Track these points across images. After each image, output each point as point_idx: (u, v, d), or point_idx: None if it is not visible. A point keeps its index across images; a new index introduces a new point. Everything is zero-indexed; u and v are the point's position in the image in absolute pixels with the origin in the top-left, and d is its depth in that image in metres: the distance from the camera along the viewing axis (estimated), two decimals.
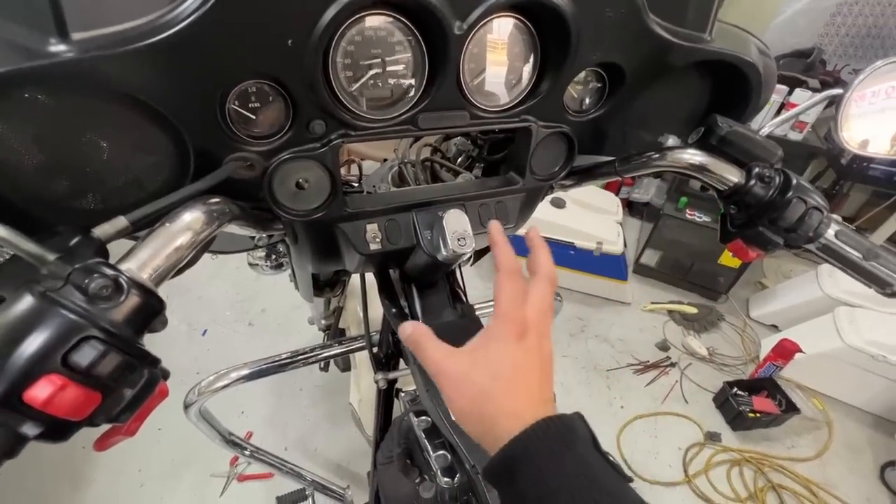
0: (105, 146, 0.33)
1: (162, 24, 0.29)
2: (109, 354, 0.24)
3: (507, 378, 0.35)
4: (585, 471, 0.30)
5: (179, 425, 1.64)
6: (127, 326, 0.26)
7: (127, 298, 0.26)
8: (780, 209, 0.44)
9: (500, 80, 0.47)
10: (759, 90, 0.51)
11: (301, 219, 0.45)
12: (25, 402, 0.22)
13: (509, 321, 0.37)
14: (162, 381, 0.28)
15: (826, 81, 2.02)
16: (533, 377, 0.35)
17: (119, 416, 0.26)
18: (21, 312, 0.23)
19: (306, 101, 0.39)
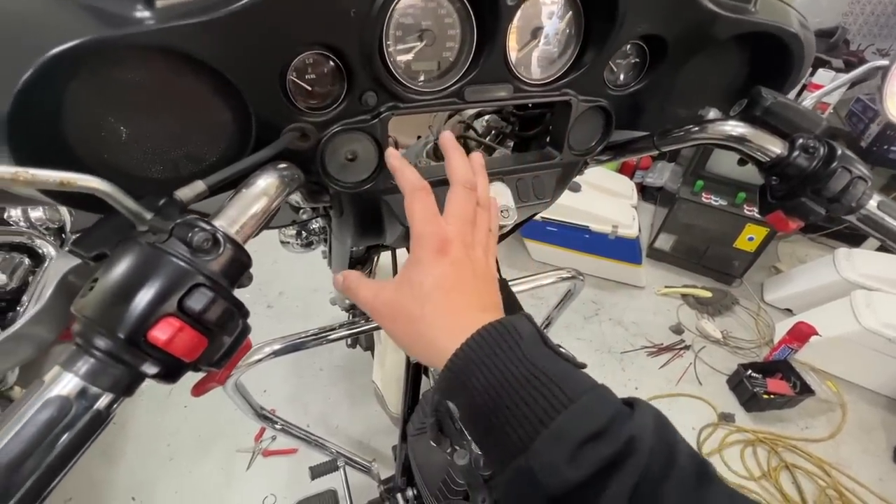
0: (177, 117, 0.34)
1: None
2: (217, 301, 0.26)
3: (436, 297, 0.34)
4: (531, 366, 0.29)
5: (205, 403, 1.69)
6: (225, 277, 0.28)
7: (224, 252, 0.28)
8: (824, 179, 0.44)
9: (545, 54, 0.47)
10: (800, 62, 0.51)
11: (349, 190, 0.46)
12: (149, 341, 0.24)
13: (426, 239, 0.36)
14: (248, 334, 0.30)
15: (850, 62, 1.97)
16: (465, 289, 0.34)
17: (219, 362, 0.28)
18: (137, 262, 0.25)
19: (361, 72, 0.40)
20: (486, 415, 0.29)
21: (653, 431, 0.28)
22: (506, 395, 0.29)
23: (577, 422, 0.27)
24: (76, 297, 0.26)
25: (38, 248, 1.58)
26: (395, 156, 0.42)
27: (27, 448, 0.22)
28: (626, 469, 0.26)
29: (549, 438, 0.27)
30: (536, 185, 0.56)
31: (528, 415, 0.28)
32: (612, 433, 0.27)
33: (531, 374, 0.29)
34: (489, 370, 0.30)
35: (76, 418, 0.24)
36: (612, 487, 0.25)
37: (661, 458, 0.27)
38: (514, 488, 0.28)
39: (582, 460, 0.26)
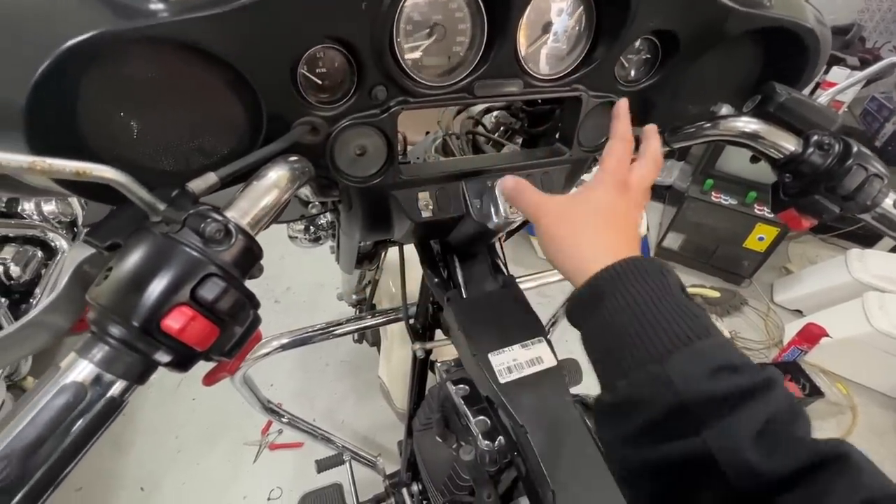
0: (189, 110, 0.35)
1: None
2: (229, 291, 0.27)
3: (606, 217, 0.38)
4: (676, 299, 0.33)
5: (212, 396, 1.71)
6: (236, 268, 0.28)
7: (236, 242, 0.28)
8: (839, 177, 0.43)
9: (555, 49, 0.47)
10: (815, 58, 0.51)
11: (358, 185, 0.47)
12: (163, 329, 0.25)
13: (614, 175, 0.40)
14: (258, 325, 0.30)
15: (865, 59, 1.94)
16: (630, 224, 0.39)
17: (230, 352, 0.28)
18: (150, 252, 0.25)
19: (371, 66, 0.40)
20: (619, 331, 0.32)
21: (789, 393, 0.30)
22: (648, 314, 0.32)
23: (717, 350, 0.31)
24: (91, 286, 0.26)
25: (51, 242, 1.60)
26: (624, 106, 0.47)
27: (43, 433, 0.23)
28: (762, 401, 0.29)
29: (689, 355, 0.30)
30: (546, 182, 0.56)
31: (669, 334, 0.31)
32: (750, 371, 0.30)
33: (676, 304, 0.32)
34: (634, 291, 0.33)
35: (91, 404, 0.24)
36: (746, 412, 0.28)
37: (790, 406, 0.29)
38: (644, 388, 0.31)
39: (720, 380, 0.29)
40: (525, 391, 0.50)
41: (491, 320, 0.56)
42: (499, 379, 0.51)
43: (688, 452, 0.29)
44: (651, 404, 0.30)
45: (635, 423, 0.31)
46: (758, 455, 0.27)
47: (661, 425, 0.30)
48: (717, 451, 0.28)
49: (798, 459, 0.27)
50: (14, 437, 0.23)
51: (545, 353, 0.53)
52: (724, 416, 0.28)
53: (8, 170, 0.22)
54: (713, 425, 0.28)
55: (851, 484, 0.27)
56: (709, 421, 0.29)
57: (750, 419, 0.28)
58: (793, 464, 0.27)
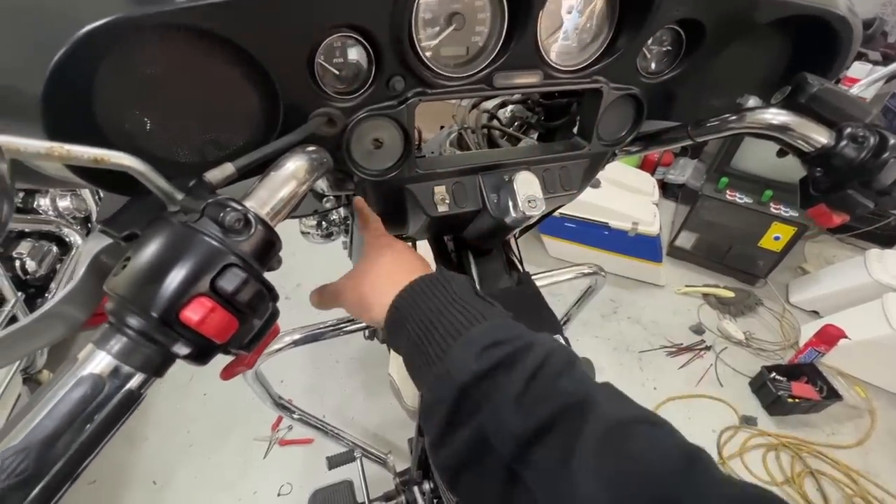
0: (205, 100, 0.34)
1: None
2: (249, 282, 0.26)
3: (390, 267, 0.42)
4: (456, 298, 0.35)
5: (224, 392, 1.72)
6: (256, 259, 0.27)
7: (255, 232, 0.27)
8: (875, 171, 0.42)
9: (577, 39, 0.46)
10: (847, 47, 0.49)
11: (374, 178, 0.46)
12: (182, 321, 0.24)
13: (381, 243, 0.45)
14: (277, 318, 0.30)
15: (888, 54, 1.89)
16: (405, 264, 0.42)
17: (249, 345, 0.28)
18: (169, 241, 0.25)
19: (390, 55, 0.39)
20: (417, 344, 0.35)
21: (555, 346, 0.33)
22: (435, 321, 0.34)
23: (486, 332, 0.33)
24: (109, 276, 0.25)
25: (66, 237, 1.62)
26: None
27: (61, 426, 0.22)
28: (520, 365, 0.31)
29: (462, 344, 0.32)
30: (563, 176, 0.54)
31: (448, 331, 0.33)
32: (513, 341, 0.32)
33: (457, 303, 0.35)
34: (423, 305, 0.36)
35: (109, 397, 0.24)
36: (506, 380, 0.30)
37: (560, 362, 0.31)
38: (435, 389, 0.33)
39: (485, 357, 0.31)
40: None
41: None
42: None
43: (469, 439, 0.30)
44: (442, 401, 0.31)
45: (435, 424, 0.32)
46: (517, 417, 0.28)
47: (452, 419, 0.31)
48: (489, 429, 0.29)
49: (551, 407, 0.28)
50: (32, 430, 0.22)
51: None
52: (491, 388, 0.30)
53: (26, 155, 0.21)
54: (484, 399, 0.30)
55: (596, 417, 0.28)
56: (481, 397, 0.30)
57: (510, 385, 0.30)
58: (546, 412, 0.28)
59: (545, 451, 0.27)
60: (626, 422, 0.28)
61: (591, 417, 0.28)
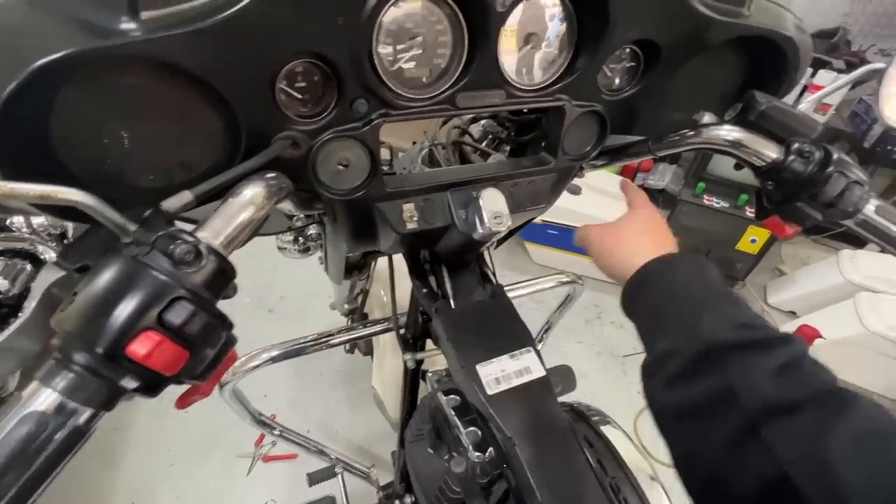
0: (165, 126, 0.34)
1: (224, 4, 0.30)
2: (198, 315, 0.26)
3: (644, 227, 0.50)
4: (705, 279, 0.40)
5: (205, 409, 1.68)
6: (207, 290, 0.28)
7: (206, 264, 0.28)
8: (820, 184, 0.44)
9: (537, 59, 0.47)
10: (796, 65, 0.51)
11: (342, 198, 0.46)
12: (128, 355, 0.24)
13: (646, 207, 0.53)
14: (233, 345, 0.30)
15: (851, 62, 1.96)
16: (660, 235, 0.49)
17: (202, 375, 0.28)
18: (117, 275, 0.25)
19: (351, 79, 0.40)
20: (662, 304, 0.40)
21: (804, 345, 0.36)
22: (687, 291, 0.40)
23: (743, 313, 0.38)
24: (57, 311, 0.26)
25: (41, 255, 1.58)
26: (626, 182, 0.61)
27: (4, 464, 0.22)
28: (781, 349, 0.34)
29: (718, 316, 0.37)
30: (532, 191, 0.55)
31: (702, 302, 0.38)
32: (767, 329, 0.36)
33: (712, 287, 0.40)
34: (676, 276, 0.41)
35: (54, 434, 0.24)
36: (765, 355, 0.34)
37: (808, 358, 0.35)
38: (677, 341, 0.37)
39: (743, 332, 0.35)
40: (513, 402, 0.50)
41: (479, 331, 0.55)
42: (486, 390, 0.50)
43: (712, 389, 0.34)
44: (684, 351, 0.36)
45: (669, 370, 0.37)
46: (772, 387, 0.32)
47: (690, 369, 0.36)
48: (738, 386, 0.33)
49: (808, 391, 0.32)
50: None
51: (533, 363, 0.53)
52: (745, 360, 0.34)
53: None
54: (735, 363, 0.34)
55: (856, 415, 0.30)
56: (731, 361, 0.34)
57: (769, 361, 0.33)
58: (803, 393, 0.32)
59: (795, 422, 0.31)
60: (888, 434, 0.30)
61: (849, 411, 0.31)
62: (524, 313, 0.58)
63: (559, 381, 1.06)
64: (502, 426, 0.48)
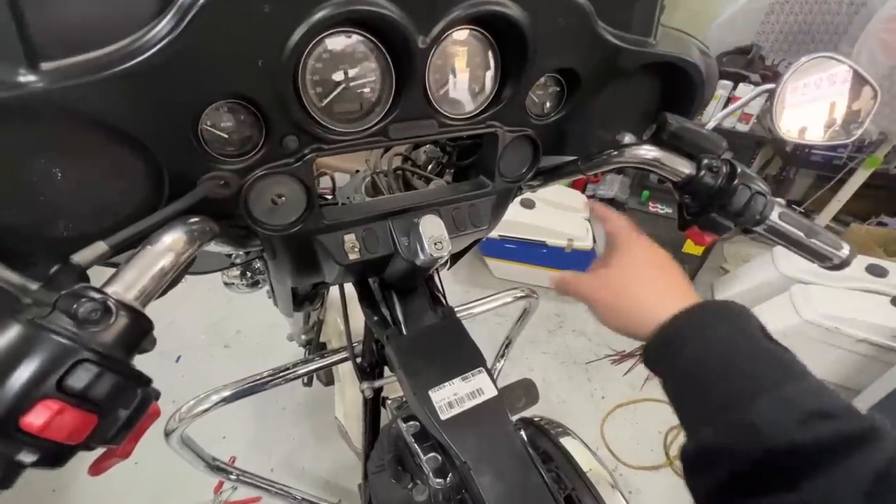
0: (79, 173, 0.33)
1: (133, 51, 0.30)
2: (104, 376, 0.25)
3: (653, 269, 0.41)
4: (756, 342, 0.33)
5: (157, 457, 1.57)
6: (118, 348, 0.26)
7: (116, 320, 0.26)
8: (729, 196, 0.47)
9: (465, 90, 0.49)
10: (702, 88, 0.56)
11: (279, 233, 0.46)
12: (22, 428, 0.22)
13: (639, 243, 0.44)
14: (154, 401, 0.29)
15: (766, 75, 2.16)
16: (676, 270, 0.42)
17: (115, 438, 0.26)
18: (11, 342, 0.23)
19: (278, 118, 0.40)
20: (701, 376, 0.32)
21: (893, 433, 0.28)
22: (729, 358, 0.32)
23: (808, 395, 0.29)
24: None
25: None
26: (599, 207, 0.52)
27: None
28: (867, 453, 0.26)
29: (776, 401, 0.29)
30: (472, 214, 0.57)
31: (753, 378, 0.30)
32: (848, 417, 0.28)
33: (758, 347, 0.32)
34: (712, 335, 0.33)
35: None
36: (849, 465, 0.26)
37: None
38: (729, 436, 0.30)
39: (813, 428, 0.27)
40: (467, 426, 0.50)
41: (431, 355, 0.56)
42: (440, 416, 0.50)
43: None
44: (737, 454, 0.29)
45: (721, 473, 0.30)
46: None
47: (749, 477, 0.29)
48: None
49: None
50: None
51: (485, 383, 0.54)
52: (822, 470, 0.26)
53: None
54: (811, 479, 0.26)
55: None
56: (805, 474, 0.26)
57: (855, 473, 0.26)
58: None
59: None
60: None
61: None
62: (488, 329, 0.59)
63: (522, 395, 1.07)
64: (457, 452, 0.48)
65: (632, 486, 1.58)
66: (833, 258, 0.50)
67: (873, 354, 1.83)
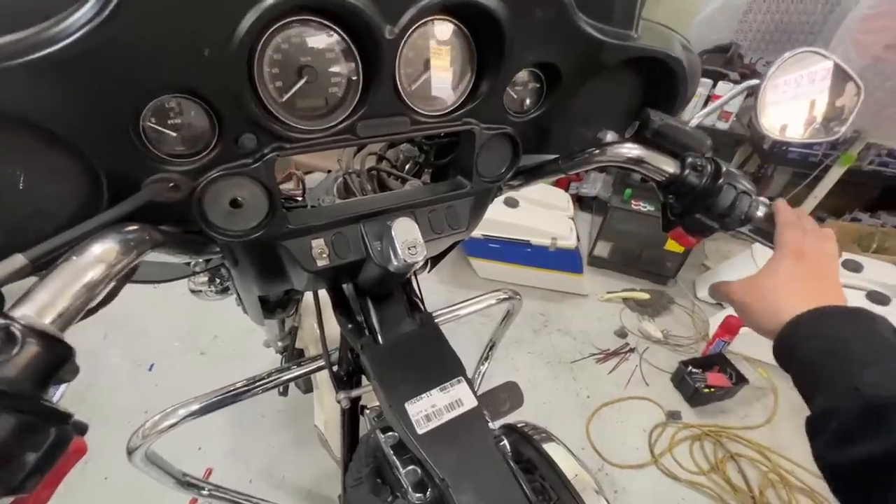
0: (7, 173, 0.29)
1: (45, 40, 0.26)
2: (1, 417, 0.21)
3: (792, 281, 0.43)
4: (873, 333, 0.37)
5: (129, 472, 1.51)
6: (24, 381, 0.23)
7: (22, 350, 0.23)
8: (714, 196, 0.46)
9: (439, 84, 0.46)
10: (685, 83, 0.54)
11: (238, 239, 0.42)
12: None
13: (790, 250, 0.45)
14: (77, 436, 0.25)
15: (744, 73, 2.18)
16: (818, 280, 0.44)
17: (22, 486, 0.23)
18: None
19: (232, 114, 0.36)
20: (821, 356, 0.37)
21: None
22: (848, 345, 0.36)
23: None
24: None
25: None
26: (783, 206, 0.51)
27: None
28: None
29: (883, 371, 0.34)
30: (450, 216, 0.54)
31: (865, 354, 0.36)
32: None
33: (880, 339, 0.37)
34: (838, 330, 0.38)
35: None
36: None
37: None
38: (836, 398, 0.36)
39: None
40: (445, 440, 0.48)
41: (407, 365, 0.53)
42: (416, 430, 0.48)
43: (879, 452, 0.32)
44: (843, 411, 0.34)
45: (831, 430, 0.35)
46: None
47: (853, 429, 0.34)
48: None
49: None
50: None
51: (465, 394, 0.51)
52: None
53: None
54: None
55: None
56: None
57: None
58: None
59: None
60: None
61: None
62: (472, 329, 0.57)
63: (506, 399, 1.05)
64: (435, 468, 0.46)
65: (617, 485, 1.58)
66: None
67: None
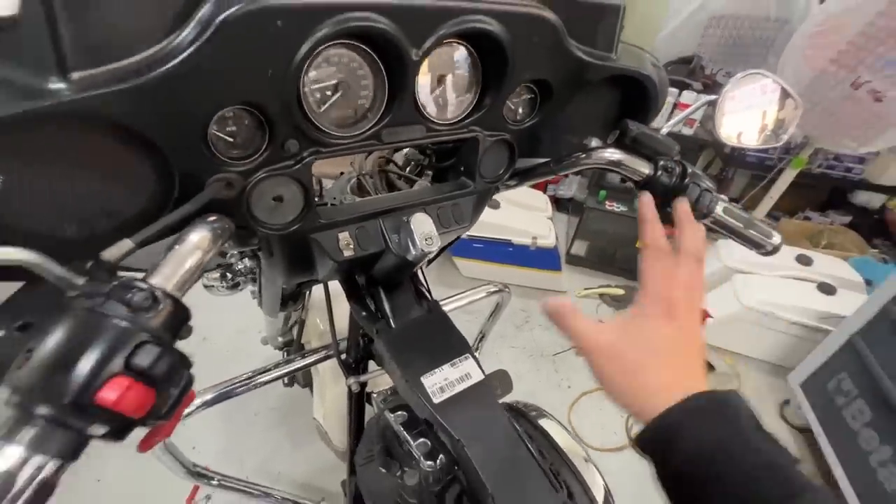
0: (97, 176, 0.34)
1: (157, 60, 0.32)
2: (164, 356, 0.27)
3: (660, 353, 0.37)
4: (742, 438, 0.32)
5: (120, 473, 1.51)
6: (167, 332, 0.29)
7: (164, 308, 0.28)
8: (681, 192, 0.55)
9: (450, 98, 0.53)
10: (656, 97, 0.63)
11: (278, 232, 0.48)
12: (97, 402, 0.24)
13: (658, 300, 0.39)
14: None
15: (706, 83, 2.34)
16: (685, 353, 0.38)
17: (167, 414, 0.28)
18: (76, 328, 0.25)
19: (281, 123, 0.42)
20: (694, 480, 0.32)
21: None
22: (722, 465, 0.31)
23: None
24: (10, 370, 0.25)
25: None
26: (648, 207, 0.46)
27: None
28: None
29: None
30: (455, 212, 0.61)
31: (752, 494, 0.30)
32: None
33: (753, 452, 0.32)
34: (705, 436, 0.32)
35: (21, 490, 0.23)
36: None
37: None
38: None
39: None
40: (458, 407, 0.54)
41: (420, 345, 0.59)
42: (433, 399, 0.54)
43: None
44: None
45: None
46: None
47: None
48: None
49: None
50: None
51: (473, 368, 0.58)
52: None
53: None
54: None
55: None
56: None
57: None
58: None
59: None
60: None
61: None
62: (459, 326, 0.63)
63: (497, 385, 1.12)
64: (451, 431, 0.52)
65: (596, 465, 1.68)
66: (766, 245, 0.58)
67: (804, 335, 2.04)
